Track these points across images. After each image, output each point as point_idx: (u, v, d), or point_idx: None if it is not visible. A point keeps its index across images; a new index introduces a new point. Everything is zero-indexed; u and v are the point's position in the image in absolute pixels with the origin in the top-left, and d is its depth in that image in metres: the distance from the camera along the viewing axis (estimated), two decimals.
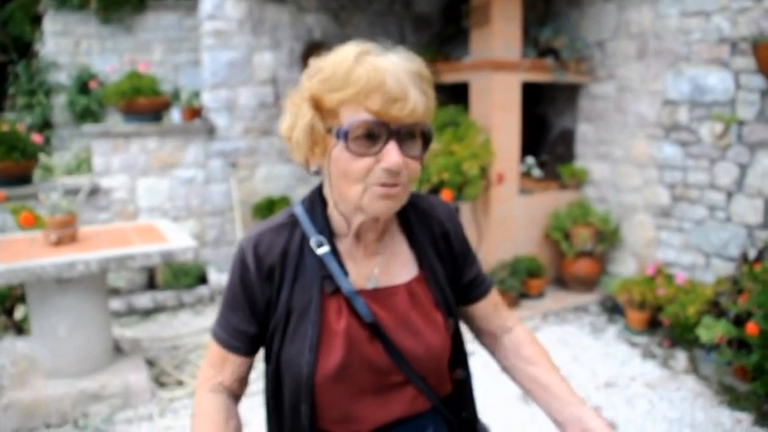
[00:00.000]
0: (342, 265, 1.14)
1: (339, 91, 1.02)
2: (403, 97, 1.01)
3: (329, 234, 1.15)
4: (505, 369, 1.33)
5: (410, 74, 1.04)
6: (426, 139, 1.08)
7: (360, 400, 1.11)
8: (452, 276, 1.25)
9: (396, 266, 1.19)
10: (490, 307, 1.32)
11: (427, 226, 1.24)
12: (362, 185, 1.04)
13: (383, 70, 1.01)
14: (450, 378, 1.22)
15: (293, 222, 1.17)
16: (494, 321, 1.32)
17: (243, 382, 1.21)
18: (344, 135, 1.02)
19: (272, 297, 1.13)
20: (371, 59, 1.03)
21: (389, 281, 1.17)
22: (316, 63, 1.09)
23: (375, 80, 1.00)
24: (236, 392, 1.21)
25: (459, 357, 1.25)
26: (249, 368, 1.20)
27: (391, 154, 1.02)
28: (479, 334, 1.36)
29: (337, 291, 1.12)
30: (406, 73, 1.03)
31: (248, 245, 1.15)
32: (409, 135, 1.05)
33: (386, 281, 1.17)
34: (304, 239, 1.15)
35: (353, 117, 1.02)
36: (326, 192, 1.16)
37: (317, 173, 1.14)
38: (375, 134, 1.02)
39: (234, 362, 1.17)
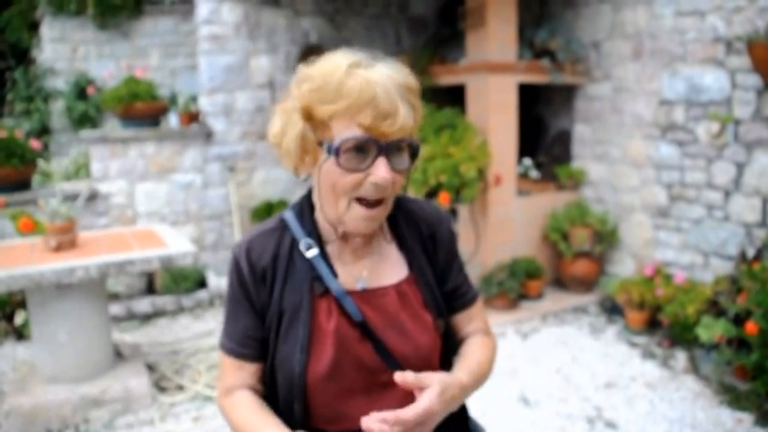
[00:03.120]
0: (331, 267, 1.16)
1: (330, 103, 1.04)
2: (393, 113, 1.03)
3: (318, 237, 1.18)
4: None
5: (399, 87, 1.05)
6: (413, 153, 1.10)
7: (350, 399, 1.13)
8: (439, 279, 1.27)
9: (385, 268, 1.21)
10: (465, 320, 1.31)
11: (415, 227, 1.26)
12: (347, 199, 1.07)
13: (374, 83, 1.03)
14: None
15: (283, 227, 1.20)
16: (462, 332, 1.31)
17: (263, 384, 1.22)
18: (336, 151, 1.04)
19: (266, 299, 1.16)
20: (362, 72, 1.04)
21: (378, 282, 1.19)
22: (304, 70, 1.10)
23: (367, 94, 1.02)
24: (261, 393, 1.22)
25: (449, 358, 1.26)
26: (264, 373, 1.21)
27: (380, 169, 1.04)
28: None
29: (327, 292, 1.15)
30: (395, 86, 1.05)
31: (240, 251, 1.18)
32: (396, 149, 1.07)
33: (375, 282, 1.19)
34: (294, 243, 1.18)
35: (344, 133, 1.04)
36: (315, 197, 1.19)
37: (305, 180, 1.17)
38: (365, 149, 1.04)
39: (249, 368, 1.18)
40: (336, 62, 1.06)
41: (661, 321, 3.97)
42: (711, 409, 3.14)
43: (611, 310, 4.48)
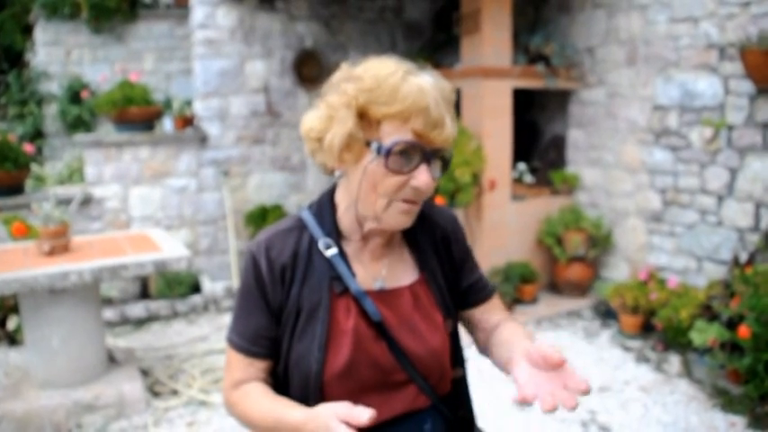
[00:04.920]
0: (349, 267, 1.17)
1: (385, 105, 1.06)
2: (441, 124, 1.07)
3: (337, 237, 1.19)
4: (486, 352, 1.31)
5: (444, 99, 1.09)
6: (445, 163, 1.14)
7: (363, 397, 1.13)
8: (452, 279, 1.29)
9: (400, 269, 1.23)
10: (490, 310, 1.33)
11: (428, 230, 1.28)
12: (387, 200, 1.10)
13: (426, 93, 1.06)
14: (449, 377, 1.25)
15: (301, 226, 1.21)
16: (489, 323, 1.33)
17: (273, 379, 1.22)
18: (386, 152, 1.06)
19: (283, 298, 1.16)
20: (415, 80, 1.08)
21: (394, 282, 1.21)
22: (350, 70, 1.11)
23: (421, 102, 1.05)
24: (271, 386, 1.22)
25: (457, 357, 1.28)
26: (272, 369, 1.22)
27: (423, 175, 1.08)
28: (475, 336, 1.36)
29: (346, 291, 1.16)
30: (441, 98, 1.09)
31: (259, 249, 1.17)
32: (434, 158, 1.10)
33: (391, 282, 1.21)
34: (312, 242, 1.18)
35: (397, 137, 1.06)
36: (339, 196, 1.20)
37: (327, 177, 1.18)
38: (410, 154, 1.07)
39: (259, 365, 1.19)
40: (390, 67, 1.09)
41: (655, 325, 3.99)
42: (705, 413, 3.15)
43: (606, 314, 4.50)
